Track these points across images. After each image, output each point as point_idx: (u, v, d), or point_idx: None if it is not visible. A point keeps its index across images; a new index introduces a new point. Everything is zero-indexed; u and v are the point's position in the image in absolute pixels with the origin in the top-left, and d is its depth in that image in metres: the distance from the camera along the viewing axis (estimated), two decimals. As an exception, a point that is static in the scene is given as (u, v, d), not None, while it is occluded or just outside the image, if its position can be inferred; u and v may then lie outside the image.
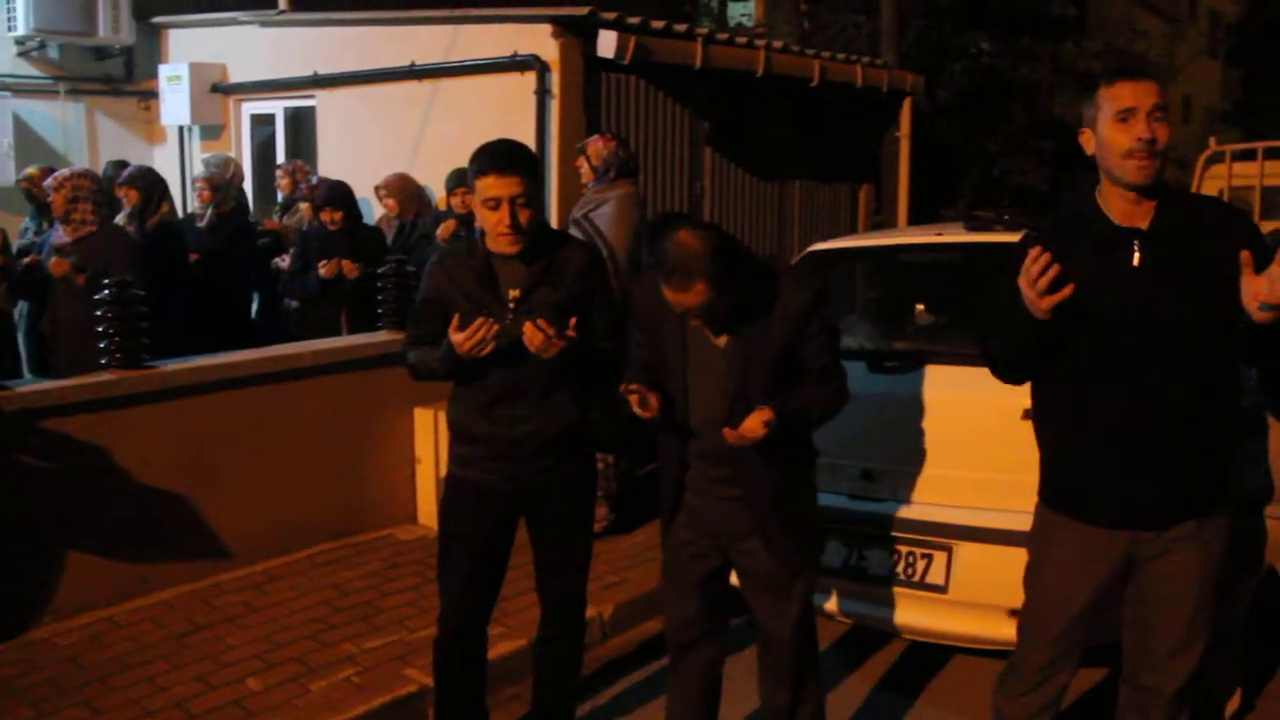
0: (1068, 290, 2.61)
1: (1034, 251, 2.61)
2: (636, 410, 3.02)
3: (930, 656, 4.58)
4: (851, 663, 4.62)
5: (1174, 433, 2.80)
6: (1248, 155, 7.81)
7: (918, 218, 10.82)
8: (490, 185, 3.18)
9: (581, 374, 3.38)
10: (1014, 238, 3.00)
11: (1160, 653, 2.99)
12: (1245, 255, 2.51)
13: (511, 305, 3.30)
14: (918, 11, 14.09)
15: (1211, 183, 7.97)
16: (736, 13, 16.46)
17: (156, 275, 5.91)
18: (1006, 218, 4.68)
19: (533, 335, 3.13)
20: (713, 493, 3.23)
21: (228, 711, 3.91)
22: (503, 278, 3.32)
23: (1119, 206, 2.81)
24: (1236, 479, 2.97)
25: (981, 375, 3.18)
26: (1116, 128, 2.73)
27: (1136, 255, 2.77)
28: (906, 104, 10.89)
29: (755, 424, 2.93)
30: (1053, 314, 2.65)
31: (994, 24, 14.59)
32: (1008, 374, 3.05)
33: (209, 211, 7.24)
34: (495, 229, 3.22)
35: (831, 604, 4.36)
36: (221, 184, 7.34)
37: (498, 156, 3.21)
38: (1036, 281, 2.60)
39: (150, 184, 6.81)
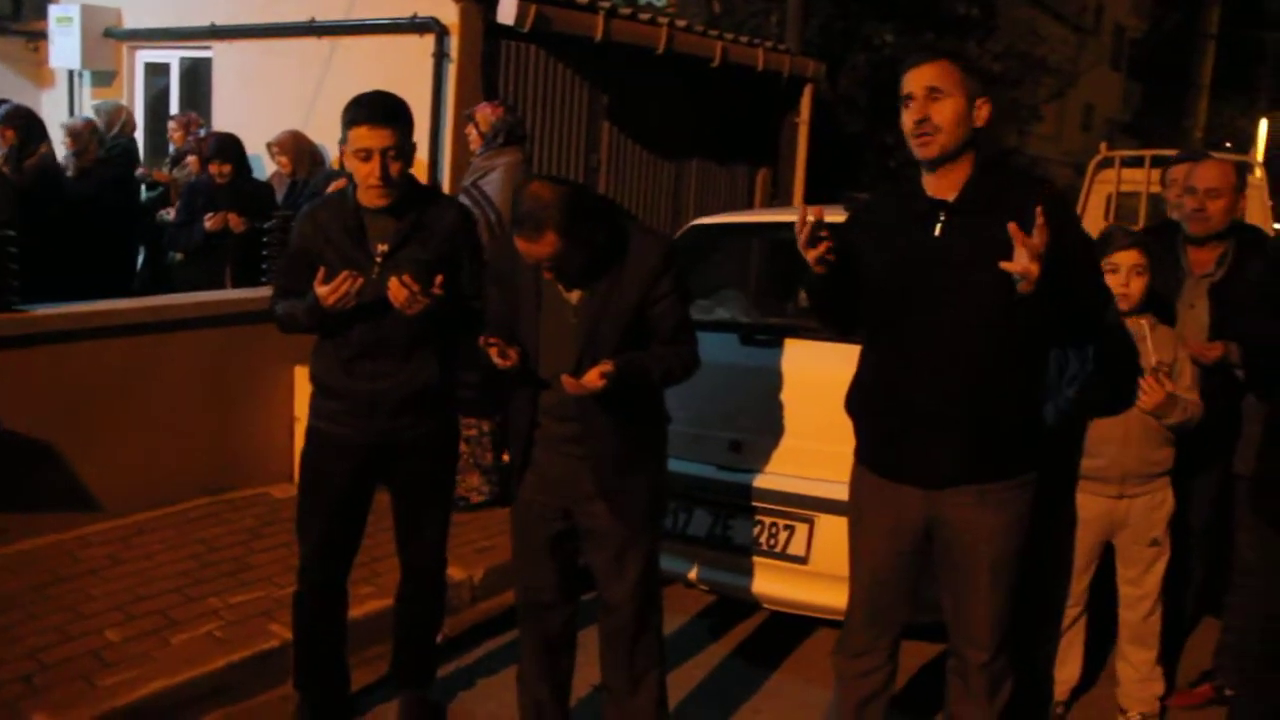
0: (823, 247, 2.77)
1: (802, 210, 2.78)
2: (496, 360, 3.01)
3: (792, 629, 4.68)
4: (712, 633, 4.72)
5: (957, 396, 2.91)
6: (1136, 162, 8.02)
7: (814, 203, 10.91)
8: (362, 136, 3.18)
9: (447, 333, 3.40)
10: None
11: (961, 618, 3.09)
12: (1013, 226, 2.61)
13: (378, 260, 3.30)
14: (824, 0, 14.20)
15: (1100, 187, 8.17)
16: (649, -10, 16.47)
17: (33, 218, 5.76)
18: None
19: (397, 291, 3.14)
20: (559, 450, 3.23)
21: (83, 662, 3.86)
22: (372, 232, 3.32)
23: (929, 182, 2.97)
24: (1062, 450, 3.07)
25: (849, 351, 3.27)
26: (904, 112, 2.91)
27: (938, 227, 2.91)
28: (807, 91, 10.98)
29: (594, 375, 2.96)
30: (825, 269, 2.82)
31: (899, 17, 14.77)
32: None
33: (71, 160, 7.07)
34: (365, 180, 3.23)
35: (695, 573, 4.44)
36: (82, 133, 7.15)
37: (371, 107, 3.21)
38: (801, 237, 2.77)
39: (29, 124, 6.59)
